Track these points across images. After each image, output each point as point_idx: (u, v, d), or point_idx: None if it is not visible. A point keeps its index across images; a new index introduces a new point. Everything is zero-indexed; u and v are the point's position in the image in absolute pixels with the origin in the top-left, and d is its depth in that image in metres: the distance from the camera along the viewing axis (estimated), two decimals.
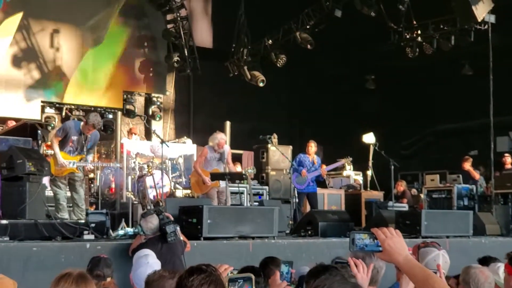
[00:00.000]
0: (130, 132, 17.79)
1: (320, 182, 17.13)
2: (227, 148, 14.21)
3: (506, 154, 18.65)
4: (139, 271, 6.42)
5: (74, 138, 12.21)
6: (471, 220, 14.23)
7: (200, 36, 24.11)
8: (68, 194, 12.39)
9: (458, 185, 18.07)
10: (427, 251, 5.41)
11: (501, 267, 6.48)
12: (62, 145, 12.22)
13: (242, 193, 15.10)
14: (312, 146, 16.02)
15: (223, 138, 14.12)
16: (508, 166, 18.31)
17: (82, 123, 12.49)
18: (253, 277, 3.51)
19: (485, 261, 6.78)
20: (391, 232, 3.51)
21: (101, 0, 21.91)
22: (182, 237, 9.48)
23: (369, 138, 19.66)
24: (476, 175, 18.74)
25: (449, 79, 23.08)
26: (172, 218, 9.35)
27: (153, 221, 9.15)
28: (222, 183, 13.71)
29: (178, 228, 9.22)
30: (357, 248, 3.54)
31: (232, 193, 14.58)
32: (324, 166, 16.68)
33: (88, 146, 12.46)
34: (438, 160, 21.69)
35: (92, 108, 20.62)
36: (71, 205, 12.35)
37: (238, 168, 15.67)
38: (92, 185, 15.47)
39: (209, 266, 3.74)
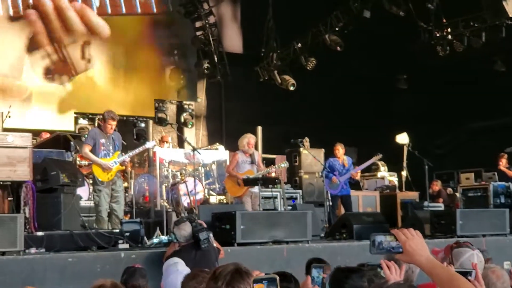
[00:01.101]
0: (162, 141, 17.85)
1: (354, 184, 17.08)
2: (256, 152, 14.25)
3: None
4: (170, 278, 6.45)
5: (103, 141, 12.37)
6: (508, 218, 14.11)
7: (230, 42, 24.15)
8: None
9: (494, 183, 17.90)
10: (461, 251, 5.32)
11: None
12: (95, 152, 12.32)
13: (275, 197, 15.09)
14: (339, 149, 16.00)
15: (252, 137, 14.18)
16: None
17: (101, 125, 12.64)
18: (277, 278, 3.51)
19: None
20: (411, 233, 3.49)
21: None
22: (215, 244, 9.50)
23: (402, 138, 19.58)
24: (510, 172, 18.57)
25: (482, 76, 22.88)
26: (205, 225, 9.37)
27: (186, 229, 9.17)
28: (255, 188, 13.74)
29: (211, 235, 9.23)
30: (378, 250, 3.53)
31: (265, 197, 14.58)
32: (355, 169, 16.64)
33: (116, 146, 12.57)
34: (473, 158, 21.49)
35: (125, 118, 20.74)
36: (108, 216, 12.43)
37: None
38: (126, 194, 15.53)
39: (242, 276, 3.69)
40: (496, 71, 22.76)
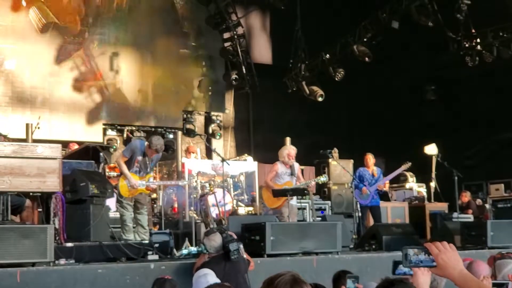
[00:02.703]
0: (188, 151, 17.81)
1: (383, 195, 17.00)
2: (296, 164, 14.16)
3: None
4: None
5: (139, 158, 12.23)
6: None
7: (259, 53, 24.14)
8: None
9: None
10: (504, 263, 5.21)
11: None
12: (128, 165, 12.23)
13: (304, 208, 15.03)
14: (370, 158, 15.94)
15: (293, 149, 14.10)
16: None
17: (145, 145, 12.52)
18: None
19: None
20: (444, 246, 3.45)
21: (160, 21, 22.10)
22: (245, 256, 9.46)
23: (431, 149, 19.46)
24: None
25: (511, 86, 22.71)
26: (235, 236, 9.34)
27: (216, 239, 9.14)
28: (291, 200, 13.72)
29: (241, 246, 9.20)
30: (411, 263, 3.50)
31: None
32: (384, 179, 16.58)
33: (151, 165, 12.54)
34: (502, 169, 21.32)
35: (153, 129, 20.81)
36: (135, 225, 12.41)
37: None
38: (155, 205, 15.54)
39: (300, 285, 3.66)
40: None
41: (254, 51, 23.67)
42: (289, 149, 14.06)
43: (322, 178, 14.86)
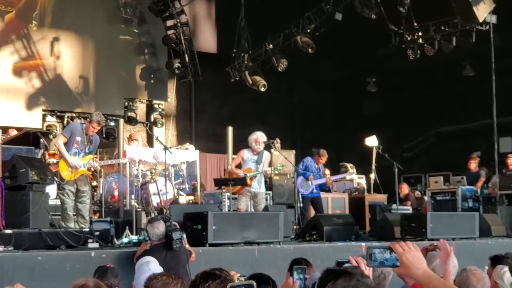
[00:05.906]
0: (130, 139, 17.68)
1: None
2: (266, 153, 14.17)
3: (510, 155, 18.57)
4: (142, 278, 6.34)
5: (78, 139, 12.17)
6: (477, 221, 14.14)
7: (203, 41, 24.06)
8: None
9: (462, 186, 17.99)
10: (435, 254, 5.25)
11: (507, 271, 6.37)
12: (67, 147, 12.14)
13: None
14: (324, 159, 16.03)
15: (261, 135, 14.04)
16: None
17: (85, 123, 12.43)
18: (254, 284, 3.46)
19: (497, 259, 6.69)
20: (408, 245, 3.47)
21: (102, 7, 21.87)
22: (187, 246, 9.42)
23: (371, 141, 19.59)
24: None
25: (451, 80, 23.02)
26: (178, 226, 9.30)
27: (159, 227, 9.09)
28: (254, 187, 13.82)
29: (184, 235, 9.16)
30: (375, 263, 3.51)
31: (235, 198, 14.50)
32: (327, 175, 16.64)
33: (90, 149, 12.40)
34: (441, 162, 21.61)
35: None
36: (75, 214, 12.28)
37: None
38: (95, 193, 15.38)
39: (222, 270, 3.70)
40: (465, 76, 22.90)
41: (199, 40, 23.59)
42: (257, 136, 14.01)
43: (279, 167, 14.91)
